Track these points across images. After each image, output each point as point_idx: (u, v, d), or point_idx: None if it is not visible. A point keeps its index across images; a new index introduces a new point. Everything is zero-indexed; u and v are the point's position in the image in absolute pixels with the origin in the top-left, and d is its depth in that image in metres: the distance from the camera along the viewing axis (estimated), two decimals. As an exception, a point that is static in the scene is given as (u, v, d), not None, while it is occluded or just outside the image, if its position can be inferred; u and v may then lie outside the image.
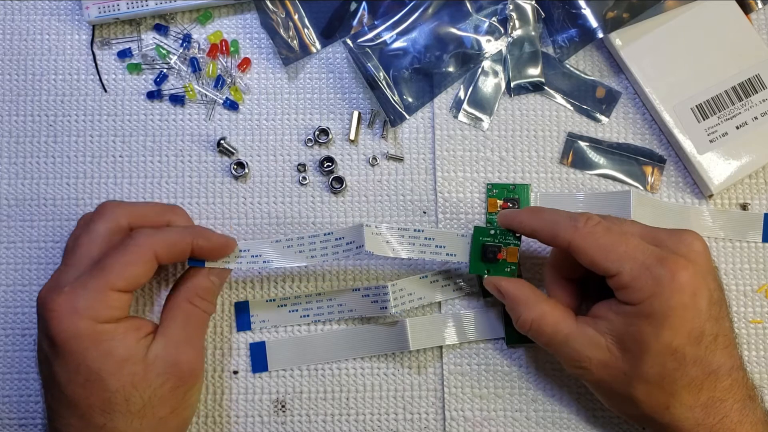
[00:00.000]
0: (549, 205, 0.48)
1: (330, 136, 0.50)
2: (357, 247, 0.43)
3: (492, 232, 0.44)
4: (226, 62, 0.51)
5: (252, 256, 0.45)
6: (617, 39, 0.49)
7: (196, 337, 0.43)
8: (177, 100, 0.50)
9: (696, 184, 0.49)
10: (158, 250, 0.41)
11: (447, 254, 0.44)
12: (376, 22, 0.49)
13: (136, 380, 0.40)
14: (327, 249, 0.44)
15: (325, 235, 0.44)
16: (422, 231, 0.44)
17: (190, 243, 0.42)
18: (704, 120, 0.48)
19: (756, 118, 0.48)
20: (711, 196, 0.49)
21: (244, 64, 0.50)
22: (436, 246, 0.44)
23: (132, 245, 0.40)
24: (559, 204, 0.49)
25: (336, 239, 0.44)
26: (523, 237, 0.44)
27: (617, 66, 0.51)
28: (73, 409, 0.39)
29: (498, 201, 0.49)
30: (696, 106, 0.48)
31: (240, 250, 0.45)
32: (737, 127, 0.48)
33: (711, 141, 0.48)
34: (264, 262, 0.45)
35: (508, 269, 0.44)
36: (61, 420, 0.40)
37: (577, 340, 0.41)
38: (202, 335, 0.44)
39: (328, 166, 0.49)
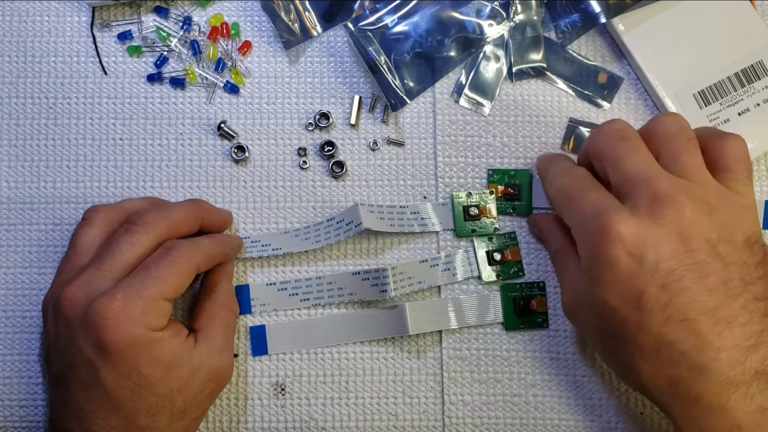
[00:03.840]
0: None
1: (331, 121, 0.50)
2: (356, 226, 0.46)
3: (468, 194, 0.48)
4: (226, 45, 0.50)
5: (262, 245, 0.48)
6: (620, 24, 0.49)
7: (232, 341, 0.46)
8: (177, 83, 0.50)
9: (697, 170, 0.49)
10: (200, 263, 0.43)
11: (432, 224, 0.48)
12: (377, 6, 0.49)
13: (181, 385, 0.42)
14: (330, 233, 0.47)
15: (327, 221, 0.48)
16: (407, 206, 0.49)
17: (221, 254, 0.46)
18: (706, 106, 0.48)
19: (758, 104, 0.48)
20: (712, 182, 0.49)
21: (245, 47, 0.50)
22: (422, 218, 0.49)
23: (181, 258, 0.42)
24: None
25: (337, 222, 0.48)
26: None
27: (619, 51, 0.50)
28: (115, 411, 0.40)
29: (499, 186, 0.49)
30: (698, 92, 0.48)
31: (252, 241, 0.48)
32: (739, 114, 0.48)
33: (713, 127, 0.48)
34: (273, 249, 0.48)
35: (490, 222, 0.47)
36: (95, 420, 0.40)
37: None
38: (234, 337, 0.47)
39: (329, 151, 0.49)
